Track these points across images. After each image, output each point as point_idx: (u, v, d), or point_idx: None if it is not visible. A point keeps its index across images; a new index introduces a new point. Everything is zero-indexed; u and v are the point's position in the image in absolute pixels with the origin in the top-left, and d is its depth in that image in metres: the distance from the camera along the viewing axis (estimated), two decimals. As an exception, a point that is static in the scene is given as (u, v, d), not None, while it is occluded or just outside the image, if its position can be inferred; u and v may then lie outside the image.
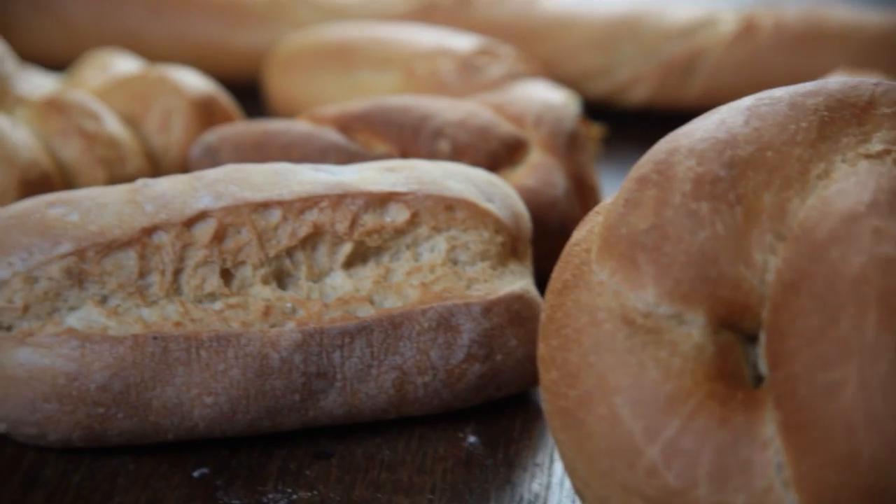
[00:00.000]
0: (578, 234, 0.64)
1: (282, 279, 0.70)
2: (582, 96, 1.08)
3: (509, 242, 0.73)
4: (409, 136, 0.82)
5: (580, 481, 0.59)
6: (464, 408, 0.72)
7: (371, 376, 0.69)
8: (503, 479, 0.69)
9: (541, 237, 0.80)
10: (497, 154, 0.82)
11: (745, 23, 1.08)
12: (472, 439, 0.71)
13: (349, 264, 0.71)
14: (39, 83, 0.92)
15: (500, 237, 0.73)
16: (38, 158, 0.81)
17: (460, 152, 0.82)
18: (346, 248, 0.70)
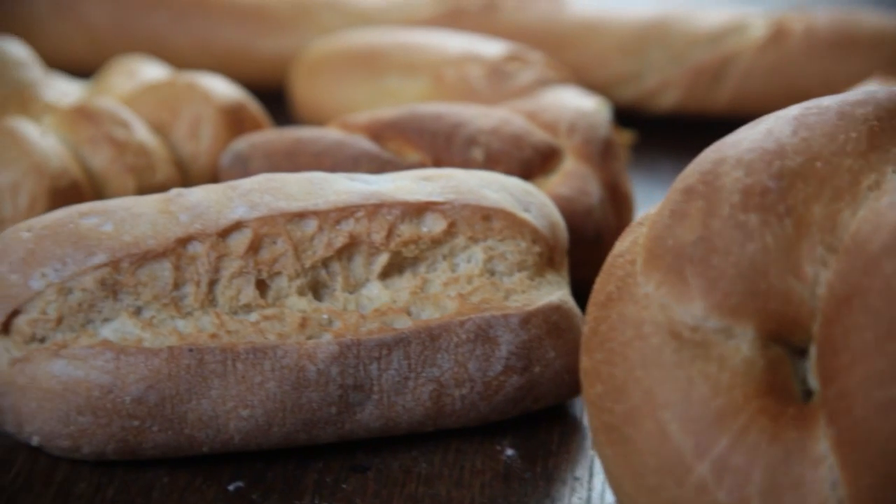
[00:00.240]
0: (621, 245, 0.63)
1: (317, 290, 0.69)
2: (610, 102, 1.07)
3: (546, 252, 0.72)
4: (442, 143, 0.82)
5: (626, 498, 0.58)
6: (500, 420, 0.71)
7: (408, 388, 0.69)
8: (542, 494, 0.68)
9: (575, 246, 0.79)
10: (531, 162, 0.81)
11: (775, 28, 1.06)
12: (509, 452, 0.70)
13: (385, 275, 0.70)
14: (66, 90, 0.92)
15: (538, 247, 0.72)
16: (67, 167, 0.80)
17: (494, 160, 0.81)
18: (383, 259, 0.69)
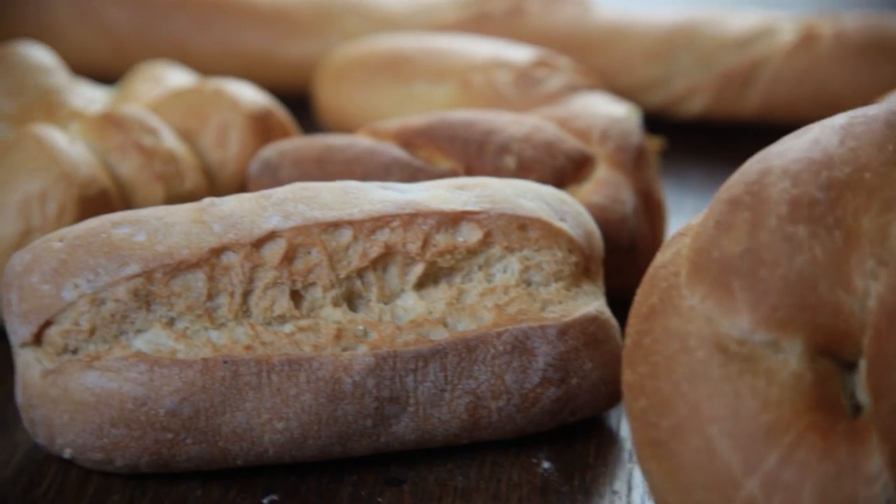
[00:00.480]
0: (663, 256, 0.62)
1: (352, 301, 0.68)
2: (638, 108, 1.06)
3: (582, 262, 0.71)
4: (474, 151, 0.81)
5: (671, 514, 0.57)
6: (536, 432, 0.70)
7: (444, 401, 0.68)
8: (580, 507, 0.67)
9: (609, 255, 0.78)
10: (564, 170, 0.80)
11: (804, 32, 1.05)
12: (546, 465, 0.69)
13: (420, 285, 0.69)
14: (92, 96, 0.91)
15: (574, 257, 0.71)
16: (96, 175, 0.79)
17: (526, 168, 0.80)
18: (418, 269, 0.69)
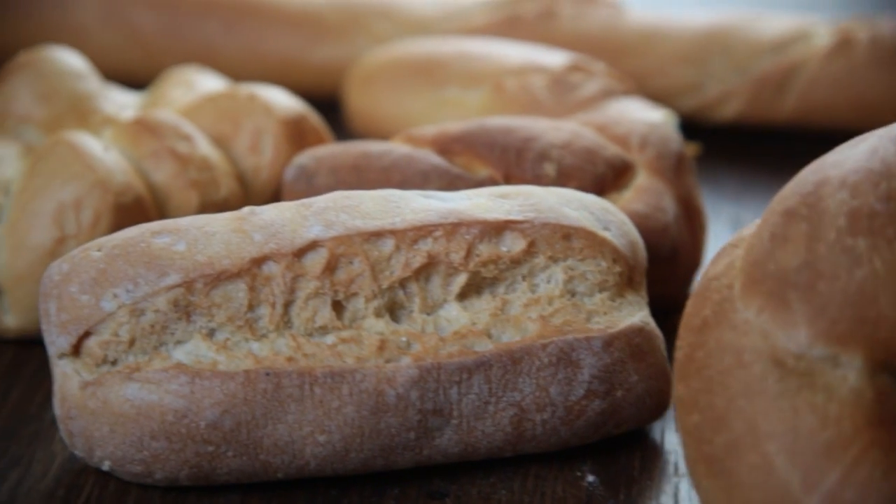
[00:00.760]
0: (716, 268, 0.61)
1: (394, 311, 0.67)
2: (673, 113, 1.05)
3: (626, 272, 0.70)
4: (513, 158, 0.79)
5: (726, 532, 0.56)
6: (580, 445, 0.69)
7: (488, 413, 0.67)
8: (627, 522, 0.66)
9: (651, 264, 0.77)
10: (604, 178, 0.79)
11: (839, 36, 1.04)
12: (590, 479, 0.68)
13: (463, 296, 0.68)
14: (123, 101, 0.90)
15: (618, 267, 0.70)
16: (131, 182, 0.79)
17: (566, 176, 0.79)
18: (461, 279, 0.68)
